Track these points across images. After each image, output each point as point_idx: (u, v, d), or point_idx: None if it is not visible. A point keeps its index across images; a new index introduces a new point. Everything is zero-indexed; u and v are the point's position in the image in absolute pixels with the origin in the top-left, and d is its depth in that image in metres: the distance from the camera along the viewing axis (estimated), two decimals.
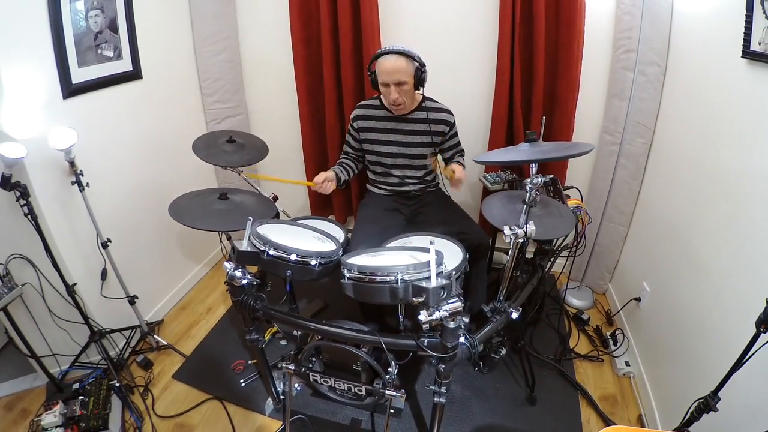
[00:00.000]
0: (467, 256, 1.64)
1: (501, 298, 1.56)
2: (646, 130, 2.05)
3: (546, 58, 2.07)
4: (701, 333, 1.55)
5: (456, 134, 2.05)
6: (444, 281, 1.17)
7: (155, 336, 2.17)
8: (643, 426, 1.80)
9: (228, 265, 1.37)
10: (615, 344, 2.12)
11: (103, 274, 1.99)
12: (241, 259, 1.34)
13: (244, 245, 1.33)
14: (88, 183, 1.77)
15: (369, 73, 1.87)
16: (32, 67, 1.63)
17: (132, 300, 2.06)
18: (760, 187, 1.30)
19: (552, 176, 1.96)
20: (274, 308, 1.44)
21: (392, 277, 1.17)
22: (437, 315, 1.17)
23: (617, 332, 2.15)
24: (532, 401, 1.90)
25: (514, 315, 1.52)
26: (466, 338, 1.33)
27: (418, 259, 1.29)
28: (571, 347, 2.16)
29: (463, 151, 2.14)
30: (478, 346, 1.38)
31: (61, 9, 1.68)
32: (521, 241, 1.38)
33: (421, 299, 1.16)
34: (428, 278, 1.18)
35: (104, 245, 1.91)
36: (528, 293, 1.68)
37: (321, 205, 2.81)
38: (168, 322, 2.37)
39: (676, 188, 1.86)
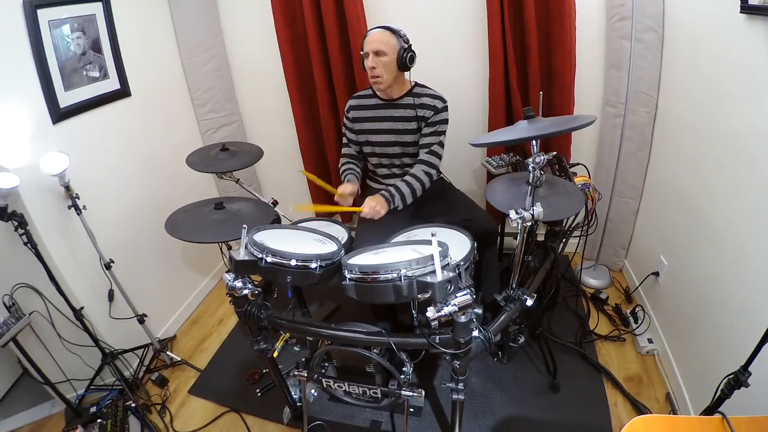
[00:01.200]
0: (476, 244, 1.56)
1: (513, 285, 1.47)
2: (649, 98, 1.95)
3: (538, 33, 1.97)
4: (723, 304, 1.47)
5: (438, 123, 1.81)
6: (450, 274, 1.09)
7: (168, 353, 2.12)
8: (672, 405, 1.71)
9: (227, 276, 1.30)
10: (636, 322, 2.03)
11: (110, 296, 1.95)
12: (239, 268, 1.27)
13: (240, 254, 1.27)
14: (84, 206, 1.73)
15: (362, 54, 1.78)
16: (18, 96, 1.59)
17: (141, 319, 2.01)
18: (766, 145, 1.23)
19: (556, 154, 1.86)
20: (279, 316, 1.38)
21: (395, 275, 1.09)
22: (446, 310, 1.09)
23: (637, 309, 2.05)
24: (556, 388, 1.81)
25: (529, 302, 1.43)
26: (480, 331, 1.25)
27: (422, 253, 1.21)
28: (591, 329, 2.07)
29: (432, 164, 1.83)
30: (493, 338, 1.30)
31: (42, 35, 1.64)
32: (529, 224, 1.28)
33: (427, 295, 1.08)
34: (433, 272, 1.11)
35: (107, 266, 1.87)
36: (542, 278, 1.59)
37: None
38: (180, 338, 2.32)
39: (684, 155, 1.77)
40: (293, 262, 1.26)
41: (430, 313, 1.09)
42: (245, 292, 1.29)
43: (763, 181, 1.26)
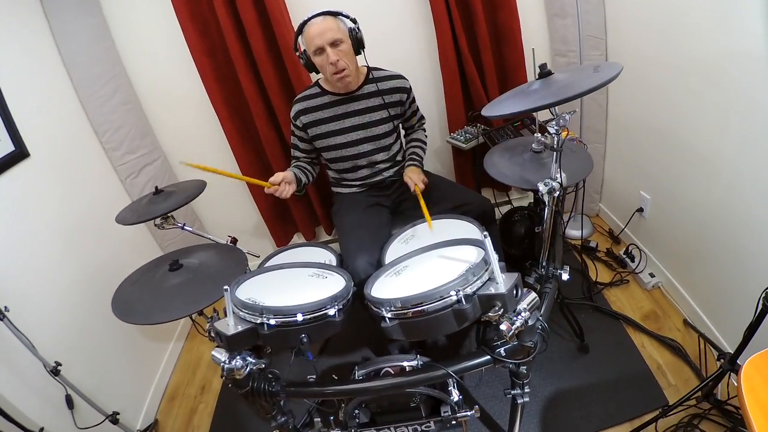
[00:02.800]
0: (485, 229, 1.31)
1: (543, 263, 1.24)
2: (599, 41, 1.83)
3: None
4: (723, 223, 1.41)
5: (414, 100, 1.68)
6: (513, 276, 0.82)
7: None
8: (696, 330, 1.61)
9: (219, 357, 0.92)
10: (633, 261, 1.93)
11: (69, 403, 1.45)
12: (234, 345, 0.89)
13: (230, 326, 0.88)
14: (6, 307, 1.27)
15: (298, 55, 1.43)
16: None
17: (114, 419, 1.53)
18: (744, 65, 1.16)
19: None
20: (297, 382, 1.02)
21: (453, 297, 0.80)
22: (520, 320, 0.83)
23: (630, 248, 1.95)
24: (585, 349, 1.67)
25: (565, 276, 1.23)
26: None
27: (459, 258, 0.93)
28: (594, 280, 1.94)
29: (423, 118, 1.79)
30: (548, 328, 1.06)
31: None
32: (557, 194, 1.05)
33: (498, 311, 0.80)
34: (492, 280, 0.83)
35: (55, 371, 1.37)
36: (561, 245, 1.38)
37: (281, 229, 2.33)
38: (163, 421, 1.82)
39: (650, 90, 1.66)
40: (301, 317, 0.90)
41: (505, 327, 0.81)
42: (250, 369, 0.91)
43: (748, 100, 1.18)
